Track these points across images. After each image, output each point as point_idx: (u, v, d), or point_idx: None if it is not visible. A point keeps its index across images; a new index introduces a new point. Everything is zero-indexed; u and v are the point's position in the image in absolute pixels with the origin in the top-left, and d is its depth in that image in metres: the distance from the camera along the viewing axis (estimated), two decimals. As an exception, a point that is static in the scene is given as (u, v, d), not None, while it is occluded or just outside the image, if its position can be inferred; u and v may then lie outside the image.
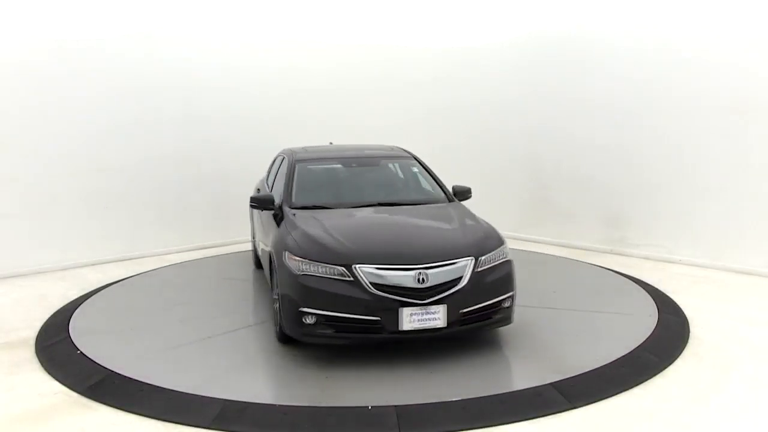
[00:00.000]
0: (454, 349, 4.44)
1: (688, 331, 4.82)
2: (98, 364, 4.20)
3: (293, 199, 5.23)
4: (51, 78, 7.05)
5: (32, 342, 4.76)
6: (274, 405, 3.58)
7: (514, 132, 8.84)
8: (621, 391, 3.74)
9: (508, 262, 4.47)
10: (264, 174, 6.92)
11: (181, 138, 8.03)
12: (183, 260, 7.54)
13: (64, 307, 5.64)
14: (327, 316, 4.04)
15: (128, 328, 5.03)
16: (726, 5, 6.67)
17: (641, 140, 7.49)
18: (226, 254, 7.85)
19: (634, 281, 6.30)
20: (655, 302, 5.51)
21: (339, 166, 5.97)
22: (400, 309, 3.97)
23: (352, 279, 4.04)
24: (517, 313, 5.34)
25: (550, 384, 3.80)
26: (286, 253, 4.33)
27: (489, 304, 4.26)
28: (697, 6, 6.91)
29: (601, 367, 4.06)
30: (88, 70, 7.30)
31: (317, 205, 5.14)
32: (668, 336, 4.70)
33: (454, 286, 4.10)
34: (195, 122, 8.14)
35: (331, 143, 6.92)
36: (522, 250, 7.97)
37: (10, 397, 3.80)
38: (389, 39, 9.62)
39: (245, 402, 3.62)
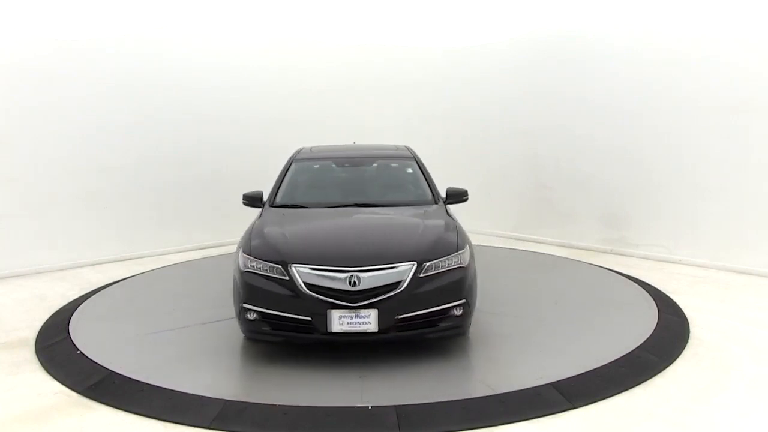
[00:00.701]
0: (453, 349, 4.44)
1: (688, 331, 4.82)
2: (98, 364, 4.20)
3: (277, 197, 5.36)
4: (51, 78, 7.05)
5: (32, 342, 4.76)
6: (274, 405, 3.58)
7: (515, 132, 8.84)
8: (621, 391, 3.74)
9: (462, 269, 4.22)
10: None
11: (180, 138, 8.04)
12: (183, 260, 7.54)
13: (64, 307, 5.64)
14: (264, 313, 4.09)
15: (128, 328, 5.03)
16: (726, 5, 6.67)
17: (641, 140, 7.49)
18: (226, 254, 7.85)
19: (634, 281, 6.30)
20: (655, 302, 5.51)
21: (333, 165, 5.97)
22: (329, 311, 3.95)
23: (287, 278, 4.05)
24: (518, 313, 5.34)
25: (550, 384, 3.79)
26: (240, 249, 4.43)
27: (433, 311, 4.06)
28: (697, 6, 6.92)
29: (601, 367, 4.06)
30: (88, 70, 7.31)
31: (296, 204, 5.23)
32: (668, 336, 4.70)
33: (390, 291, 3.98)
34: (195, 122, 8.15)
35: (354, 143, 6.91)
36: (522, 250, 7.98)
37: (10, 397, 3.80)
38: (389, 39, 9.63)
39: (245, 402, 3.62)
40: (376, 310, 3.95)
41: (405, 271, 4.03)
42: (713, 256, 6.91)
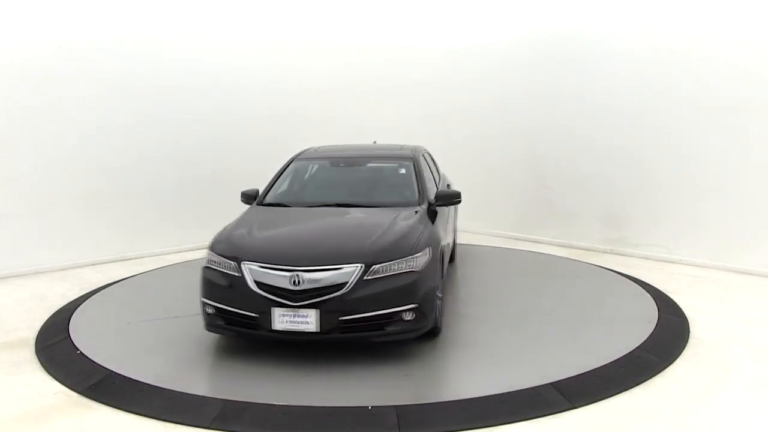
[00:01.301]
0: (453, 349, 4.44)
1: (688, 331, 4.82)
2: (98, 364, 4.19)
3: (266, 196, 5.52)
4: (51, 78, 7.05)
5: (32, 342, 4.76)
6: (275, 405, 3.58)
7: (515, 132, 8.84)
8: (621, 391, 3.74)
9: (414, 273, 4.14)
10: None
11: (180, 138, 8.04)
12: (183, 260, 7.53)
13: (64, 307, 5.63)
14: (218, 308, 4.22)
15: (128, 328, 5.03)
16: (726, 5, 6.67)
17: (641, 140, 7.49)
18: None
19: (634, 281, 6.30)
20: (656, 302, 5.51)
21: (328, 165, 6.04)
22: (272, 309, 4.01)
23: (239, 275, 4.15)
24: (517, 313, 5.34)
25: (550, 384, 3.79)
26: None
27: (379, 315, 4.03)
28: (697, 6, 6.91)
29: (601, 367, 4.06)
30: (88, 70, 7.31)
31: (280, 202, 5.39)
32: (668, 336, 4.70)
33: (334, 292, 3.99)
34: (195, 122, 8.15)
35: (375, 142, 6.92)
36: (522, 250, 7.98)
37: (10, 397, 3.80)
38: (389, 39, 9.63)
39: (245, 402, 3.62)
40: (317, 311, 3.96)
41: (350, 272, 4.03)
42: (713, 256, 6.90)
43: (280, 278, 4.04)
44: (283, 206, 5.33)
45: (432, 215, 5.10)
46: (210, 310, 4.29)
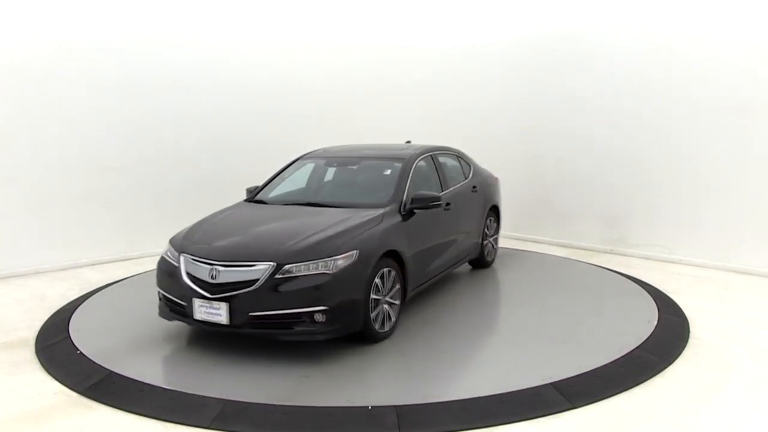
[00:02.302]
0: (452, 349, 4.44)
1: (688, 331, 4.82)
2: (98, 364, 4.19)
3: (258, 193, 5.77)
4: (51, 78, 7.05)
5: (32, 342, 4.76)
6: (275, 405, 3.58)
7: (515, 132, 8.84)
8: (621, 391, 3.74)
9: (326, 275, 4.15)
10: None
11: (181, 138, 8.04)
12: (183, 260, 7.52)
13: (64, 307, 5.63)
14: (165, 295, 4.63)
15: (128, 328, 5.02)
16: (726, 5, 6.67)
17: (641, 140, 7.49)
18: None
19: (634, 281, 6.30)
20: (655, 302, 5.51)
21: (324, 165, 6.11)
22: (193, 299, 4.27)
23: (177, 265, 4.49)
24: (517, 313, 5.34)
25: (550, 384, 3.79)
26: None
27: (286, 314, 4.12)
28: (697, 6, 6.91)
29: (601, 367, 4.06)
30: (88, 70, 7.30)
31: (263, 200, 5.63)
32: (668, 336, 4.70)
33: (245, 288, 4.12)
34: (195, 122, 8.14)
35: (409, 141, 6.86)
36: (521, 250, 7.98)
37: (10, 397, 3.80)
38: (389, 39, 9.63)
39: (245, 402, 3.62)
40: (227, 304, 4.14)
41: (262, 270, 4.15)
42: (713, 256, 6.91)
43: (202, 271, 4.31)
44: (263, 203, 5.55)
45: (408, 217, 5.06)
46: (160, 297, 4.70)
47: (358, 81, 9.38)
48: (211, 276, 4.25)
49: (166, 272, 4.60)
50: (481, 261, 6.80)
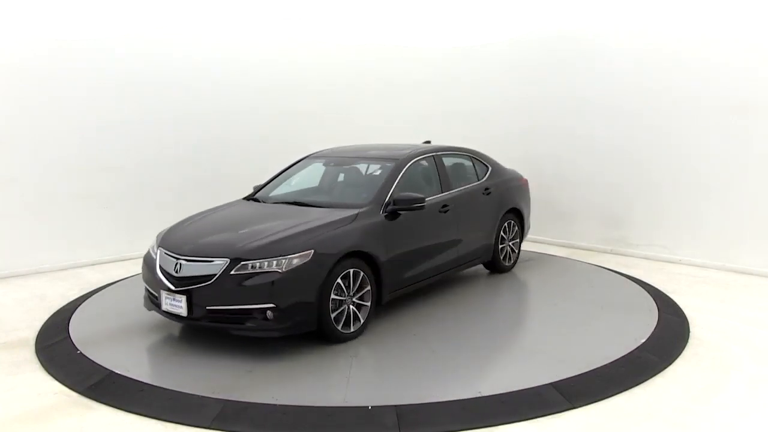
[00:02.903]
0: (451, 349, 4.44)
1: (689, 331, 4.82)
2: (98, 364, 4.20)
3: (258, 191, 5.91)
4: (51, 78, 7.05)
5: (32, 342, 4.76)
6: (275, 405, 3.58)
7: (514, 132, 8.84)
8: (621, 391, 3.74)
9: (276, 273, 4.20)
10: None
11: (181, 138, 8.04)
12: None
13: (64, 307, 5.63)
14: (146, 287, 4.86)
15: (128, 327, 5.02)
16: (726, 5, 6.67)
17: (641, 140, 7.49)
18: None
19: (634, 281, 6.31)
20: (656, 302, 5.51)
21: (322, 165, 6.17)
22: (161, 291, 4.49)
23: (155, 258, 4.72)
24: (516, 313, 5.34)
25: (550, 384, 3.79)
26: None
27: (238, 309, 4.23)
28: (697, 6, 6.91)
29: (601, 367, 4.06)
30: (88, 70, 7.30)
31: (258, 198, 5.78)
32: (668, 336, 4.70)
33: (203, 282, 4.28)
34: (195, 122, 8.14)
35: (428, 142, 6.81)
36: (522, 250, 7.97)
37: (10, 397, 3.80)
38: (390, 39, 9.63)
39: (245, 402, 3.62)
40: (185, 297, 4.32)
41: (219, 266, 4.28)
42: (713, 256, 6.91)
43: (170, 264, 4.53)
44: (257, 201, 5.70)
45: (393, 218, 5.03)
46: (144, 289, 4.94)
47: (358, 81, 9.38)
48: (176, 269, 4.44)
49: (147, 265, 4.82)
50: (497, 265, 6.58)
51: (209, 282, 4.26)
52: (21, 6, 6.84)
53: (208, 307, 4.29)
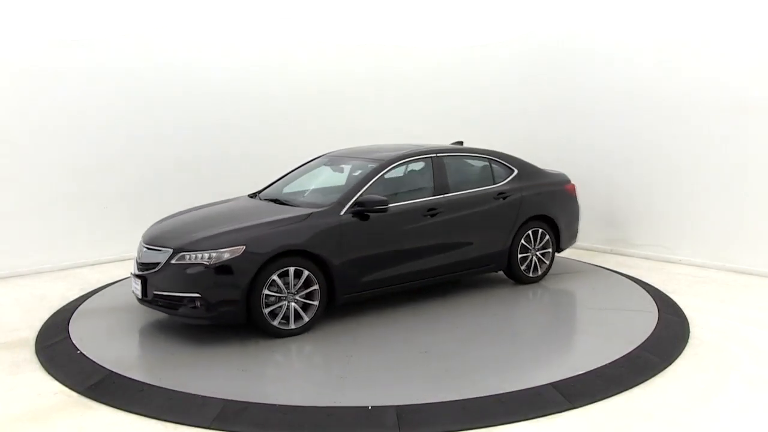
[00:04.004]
0: (451, 349, 4.44)
1: (689, 331, 4.82)
2: (98, 364, 4.19)
3: (262, 190, 6.08)
4: (51, 78, 7.05)
5: (32, 342, 4.76)
6: (275, 405, 3.58)
7: (515, 132, 8.83)
8: (621, 391, 3.74)
9: (201, 265, 4.50)
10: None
11: (181, 138, 8.03)
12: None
13: (64, 307, 5.63)
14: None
15: (128, 328, 5.03)
16: (726, 5, 6.67)
17: (641, 140, 7.49)
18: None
19: (634, 281, 6.30)
20: (656, 302, 5.51)
21: (322, 165, 6.20)
22: (131, 274, 4.99)
23: (139, 247, 5.12)
24: (516, 313, 5.33)
25: (550, 384, 3.79)
26: None
27: (173, 296, 4.60)
28: (697, 6, 6.91)
29: (601, 367, 4.06)
30: (88, 70, 7.30)
31: (252, 195, 5.99)
32: (668, 336, 4.70)
33: (152, 269, 4.73)
34: (195, 122, 8.13)
35: (461, 143, 6.58)
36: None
37: (10, 397, 3.80)
38: (389, 39, 9.62)
39: (245, 402, 3.62)
40: (140, 281, 4.76)
41: (164, 255, 4.69)
42: (713, 256, 6.90)
43: (140, 252, 5.00)
44: (252, 198, 5.92)
45: (363, 219, 5.03)
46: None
47: (358, 81, 9.38)
48: (139, 256, 4.95)
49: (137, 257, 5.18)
50: (515, 274, 6.11)
51: (156, 269, 4.69)
52: (21, 6, 6.84)
53: (154, 292, 4.68)
